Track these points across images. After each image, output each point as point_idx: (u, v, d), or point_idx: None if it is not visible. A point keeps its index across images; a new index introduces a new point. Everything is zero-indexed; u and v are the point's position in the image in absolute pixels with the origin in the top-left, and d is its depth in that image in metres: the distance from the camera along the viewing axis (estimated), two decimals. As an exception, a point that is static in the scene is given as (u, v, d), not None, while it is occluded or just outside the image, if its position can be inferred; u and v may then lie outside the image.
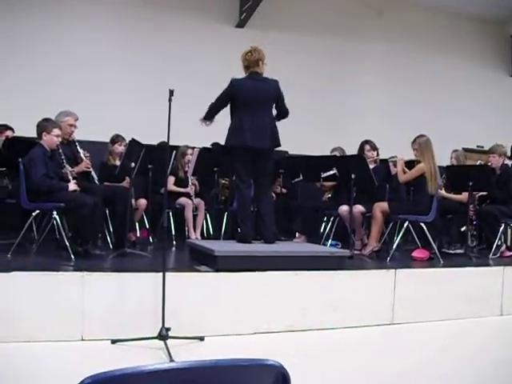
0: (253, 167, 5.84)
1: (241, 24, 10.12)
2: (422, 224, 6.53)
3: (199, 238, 7.48)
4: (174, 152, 7.17)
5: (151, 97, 8.41)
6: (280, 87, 5.88)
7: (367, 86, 10.87)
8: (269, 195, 6.10)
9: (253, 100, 5.70)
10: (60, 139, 5.98)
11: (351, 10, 10.71)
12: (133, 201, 6.85)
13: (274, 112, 5.96)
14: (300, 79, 5.92)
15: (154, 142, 7.04)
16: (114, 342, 4.43)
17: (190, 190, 7.73)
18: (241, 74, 5.90)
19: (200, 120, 5.97)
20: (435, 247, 6.63)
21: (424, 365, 4.35)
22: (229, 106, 5.87)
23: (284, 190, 8.51)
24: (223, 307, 4.92)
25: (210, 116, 5.92)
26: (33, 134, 6.01)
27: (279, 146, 5.89)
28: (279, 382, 1.32)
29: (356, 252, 6.75)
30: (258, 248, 5.63)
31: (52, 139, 5.87)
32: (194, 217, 7.63)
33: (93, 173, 6.46)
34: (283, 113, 5.99)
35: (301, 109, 5.97)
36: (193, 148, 7.69)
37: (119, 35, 9.37)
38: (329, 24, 10.53)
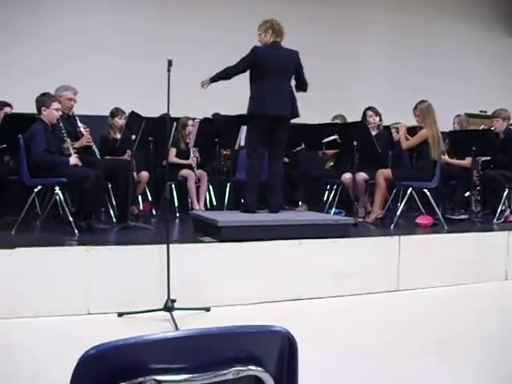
0: (268, 137, 5.81)
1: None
2: (426, 190, 6.51)
3: (202, 209, 7.47)
4: (175, 124, 7.12)
5: (151, 67, 8.33)
6: (300, 58, 5.85)
7: (368, 51, 10.73)
8: (280, 165, 6.07)
9: (274, 69, 5.69)
10: (60, 113, 5.95)
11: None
12: (134, 174, 6.82)
13: (293, 83, 5.93)
14: (299, 45, 5.83)
15: (155, 115, 6.97)
16: (120, 314, 4.45)
17: (192, 161, 7.70)
18: (240, 42, 5.83)
19: (204, 81, 5.88)
20: (439, 213, 6.61)
21: (430, 330, 4.37)
22: (248, 74, 5.82)
23: (286, 159, 8.46)
24: (228, 278, 4.93)
25: (220, 78, 5.83)
26: (32, 110, 5.98)
27: (298, 116, 5.88)
28: (286, 348, 1.31)
29: (360, 220, 6.74)
30: (261, 217, 5.63)
31: (52, 113, 5.84)
32: (197, 188, 7.61)
33: (94, 147, 6.42)
34: (303, 84, 5.98)
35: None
36: (193, 119, 7.63)
37: (117, 4, 9.24)
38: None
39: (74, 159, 5.83)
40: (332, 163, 7.95)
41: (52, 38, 8.75)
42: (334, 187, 7.63)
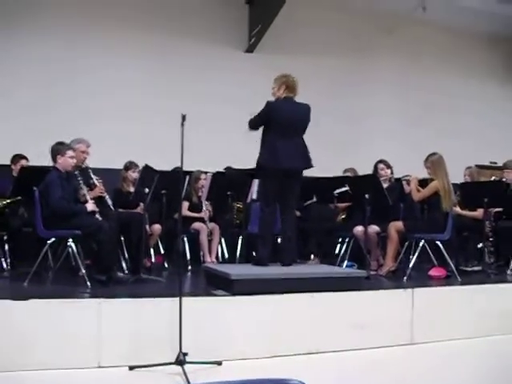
0: (280, 190, 5.85)
1: (250, 49, 10.19)
2: (438, 242, 6.49)
3: (215, 261, 7.47)
4: (188, 177, 7.19)
5: (163, 122, 8.47)
6: (310, 113, 5.96)
7: (378, 107, 10.87)
8: (293, 217, 6.09)
9: (287, 123, 5.77)
10: (75, 161, 6.03)
11: (360, 30, 10.74)
12: (147, 227, 6.86)
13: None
14: (310, 102, 5.92)
15: (168, 168, 7.05)
16: (131, 368, 4.41)
17: (204, 214, 7.74)
18: (252, 98, 5.94)
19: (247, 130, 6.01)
20: (452, 265, 6.57)
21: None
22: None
23: (297, 213, 8.48)
24: (241, 331, 4.89)
25: (253, 128, 5.95)
26: (46, 162, 6.08)
27: (312, 166, 5.93)
28: (303, 403, 1.30)
29: (372, 272, 6.71)
30: (274, 271, 5.62)
31: (67, 161, 5.93)
32: (209, 241, 7.63)
33: (107, 197, 6.47)
34: None
35: (312, 131, 5.99)
36: (206, 173, 7.70)
37: (129, 60, 9.43)
38: (339, 45, 10.56)
39: (90, 205, 5.91)
40: (343, 216, 7.96)
41: (67, 95, 8.95)
42: (346, 240, 7.61)
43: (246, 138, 6.05)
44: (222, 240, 7.95)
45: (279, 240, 6.17)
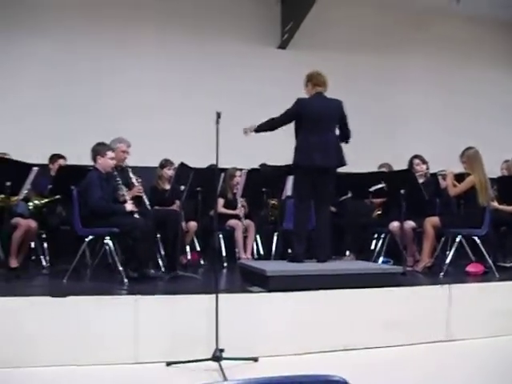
0: (314, 187, 5.85)
1: (283, 45, 10.19)
2: (475, 237, 6.42)
3: (250, 258, 7.51)
4: (223, 174, 7.23)
5: (198, 120, 8.52)
6: (343, 108, 5.92)
7: (411, 103, 10.76)
8: (327, 214, 6.07)
9: (318, 119, 5.75)
10: (114, 161, 6.11)
11: (393, 26, 10.62)
12: (183, 224, 6.91)
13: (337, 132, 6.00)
14: (345, 98, 5.90)
15: (202, 165, 7.09)
16: (168, 364, 4.46)
17: (239, 211, 7.77)
18: (286, 95, 5.93)
19: (247, 128, 6.02)
20: (490, 261, 6.49)
21: (481, 381, 4.26)
22: (293, 125, 5.92)
23: (332, 209, 8.46)
24: (276, 327, 4.90)
25: (264, 130, 5.95)
26: (84, 161, 6.17)
27: (345, 164, 5.92)
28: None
29: (408, 268, 6.66)
30: (309, 267, 5.61)
31: (107, 162, 6.03)
32: (244, 238, 7.67)
33: (145, 198, 6.54)
34: (346, 135, 6.04)
35: (353, 128, 6.00)
36: (241, 170, 7.73)
37: (163, 59, 9.54)
38: (370, 42, 10.46)
39: (129, 205, 5.99)
40: (379, 212, 7.92)
41: (103, 94, 9.09)
42: (382, 236, 7.56)
43: (281, 134, 6.06)
44: (257, 237, 7.97)
45: (314, 236, 6.15)
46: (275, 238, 7.84)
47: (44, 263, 7.04)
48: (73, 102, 8.91)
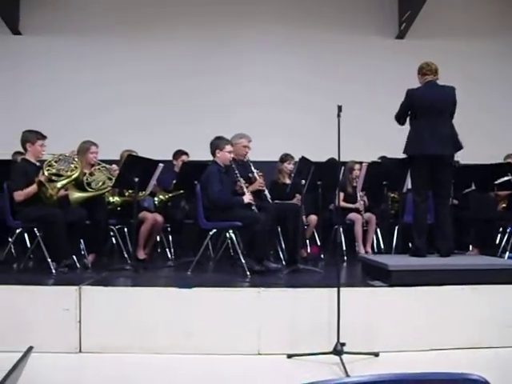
0: (431, 178, 5.72)
1: (401, 35, 10.00)
2: None
3: (369, 252, 7.45)
4: (342, 168, 7.20)
5: (317, 113, 8.57)
6: (455, 94, 5.76)
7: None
8: (446, 206, 5.91)
9: (430, 108, 5.61)
10: (232, 155, 6.25)
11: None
12: (303, 217, 6.95)
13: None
14: (463, 87, 5.72)
15: (320, 159, 7.08)
16: (289, 356, 4.50)
17: (359, 205, 7.72)
18: (406, 85, 5.82)
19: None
20: None
21: None
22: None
23: (455, 201, 8.22)
24: (398, 322, 4.83)
25: (401, 123, 5.88)
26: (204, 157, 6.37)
27: (461, 148, 5.74)
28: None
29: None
30: (432, 262, 5.49)
31: (225, 155, 6.18)
32: (364, 231, 7.61)
33: (266, 191, 6.63)
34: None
35: (473, 117, 5.79)
36: (360, 163, 7.67)
37: (290, 56, 9.66)
38: (490, 28, 9.98)
39: (247, 198, 6.08)
40: (505, 205, 7.61)
41: (222, 90, 9.38)
42: (508, 230, 7.28)
43: (401, 127, 5.96)
44: (378, 230, 7.89)
45: (434, 230, 6.00)
46: (396, 232, 7.73)
47: (169, 255, 7.31)
48: (195, 97, 9.23)
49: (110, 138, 7.86)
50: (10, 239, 6.27)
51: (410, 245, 6.47)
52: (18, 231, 6.01)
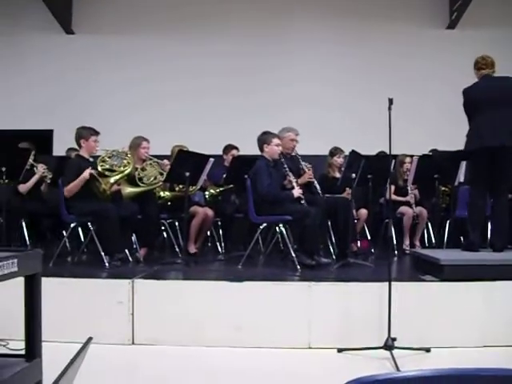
0: (491, 172, 5.62)
1: (452, 25, 9.84)
2: None
3: (418, 246, 7.39)
4: (393, 161, 7.14)
5: (367, 106, 8.51)
6: None
7: None
8: (505, 200, 5.77)
9: (487, 101, 5.48)
10: (280, 148, 6.26)
11: None
12: (354, 211, 6.93)
13: None
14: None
15: (370, 152, 7.04)
16: (340, 350, 4.50)
17: (410, 198, 7.65)
18: (456, 76, 5.74)
19: None
20: None
21: None
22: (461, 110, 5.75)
23: (510, 196, 8.04)
24: (450, 318, 4.77)
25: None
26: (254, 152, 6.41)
27: None
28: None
29: None
30: (486, 256, 5.39)
31: (273, 149, 6.19)
32: (415, 225, 7.55)
33: (315, 183, 6.62)
34: None
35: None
36: (411, 156, 7.59)
37: (333, 54, 9.65)
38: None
39: (296, 192, 6.08)
40: None
41: (280, 83, 9.34)
42: None
43: (453, 119, 5.87)
44: (429, 224, 7.80)
45: (490, 224, 5.90)
46: (447, 226, 7.63)
47: (220, 249, 7.37)
48: (246, 94, 9.29)
49: (161, 133, 7.98)
50: (64, 233, 6.44)
51: (462, 239, 6.38)
52: (72, 226, 6.14)
